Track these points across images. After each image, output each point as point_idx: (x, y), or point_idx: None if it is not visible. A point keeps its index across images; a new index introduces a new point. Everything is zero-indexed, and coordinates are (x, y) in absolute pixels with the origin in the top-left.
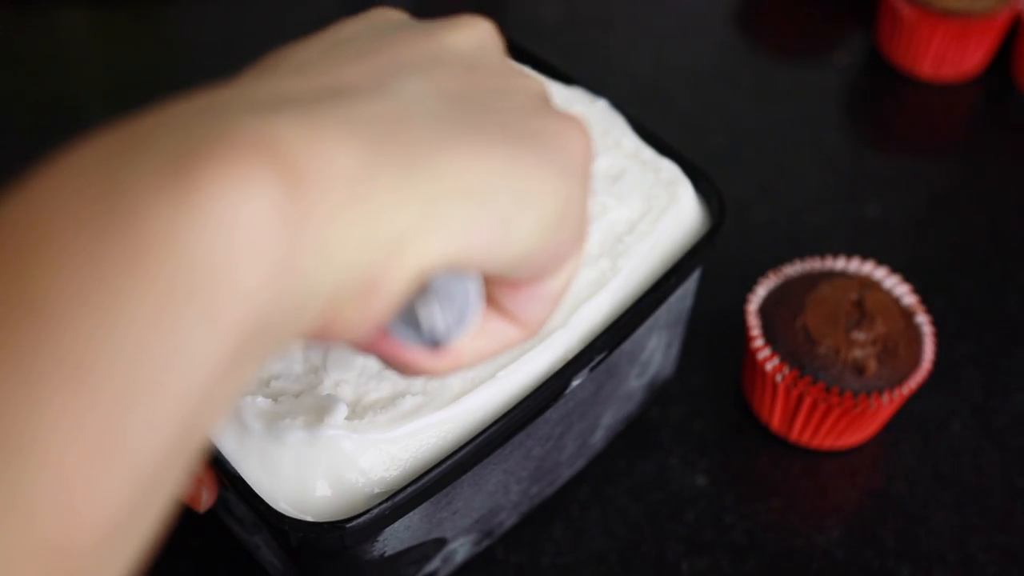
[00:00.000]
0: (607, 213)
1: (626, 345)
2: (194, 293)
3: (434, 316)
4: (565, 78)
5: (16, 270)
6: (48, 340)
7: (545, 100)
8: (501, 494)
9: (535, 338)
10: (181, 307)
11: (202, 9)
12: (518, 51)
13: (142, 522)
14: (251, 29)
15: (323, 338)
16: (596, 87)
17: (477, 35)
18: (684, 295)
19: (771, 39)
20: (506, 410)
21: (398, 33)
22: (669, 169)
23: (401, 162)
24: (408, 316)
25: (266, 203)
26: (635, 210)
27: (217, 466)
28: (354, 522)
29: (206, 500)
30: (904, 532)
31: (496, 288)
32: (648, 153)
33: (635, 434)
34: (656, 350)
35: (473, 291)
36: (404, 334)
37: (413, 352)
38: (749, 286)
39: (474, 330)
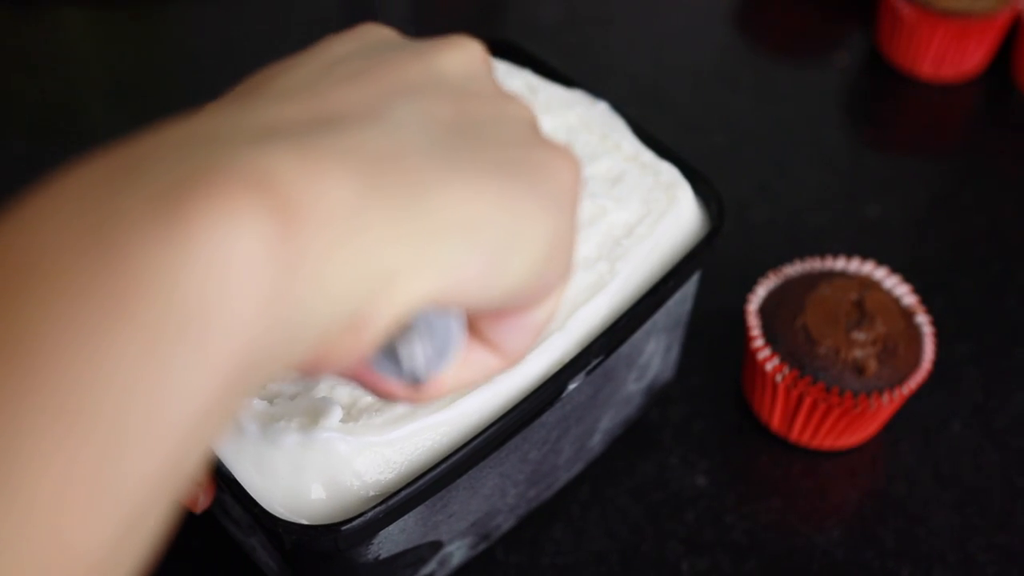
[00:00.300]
0: (606, 216)
1: (624, 349)
2: (184, 332)
3: (415, 355)
4: (565, 80)
5: (3, 304)
6: (36, 380)
7: (535, 128)
8: (497, 497)
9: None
10: (171, 347)
11: (202, 9)
12: (518, 52)
13: (133, 548)
14: (251, 29)
15: (311, 371)
16: (596, 87)
17: (467, 58)
18: (683, 298)
19: (771, 39)
20: (502, 413)
21: (388, 54)
22: (669, 172)
23: (395, 195)
24: (389, 350)
25: (258, 239)
26: (634, 213)
27: (212, 468)
28: (348, 525)
29: (203, 502)
30: (904, 532)
31: (479, 318)
32: (648, 156)
33: (635, 434)
34: (655, 354)
35: (456, 325)
36: (385, 367)
37: (393, 384)
38: (749, 286)
39: (456, 363)
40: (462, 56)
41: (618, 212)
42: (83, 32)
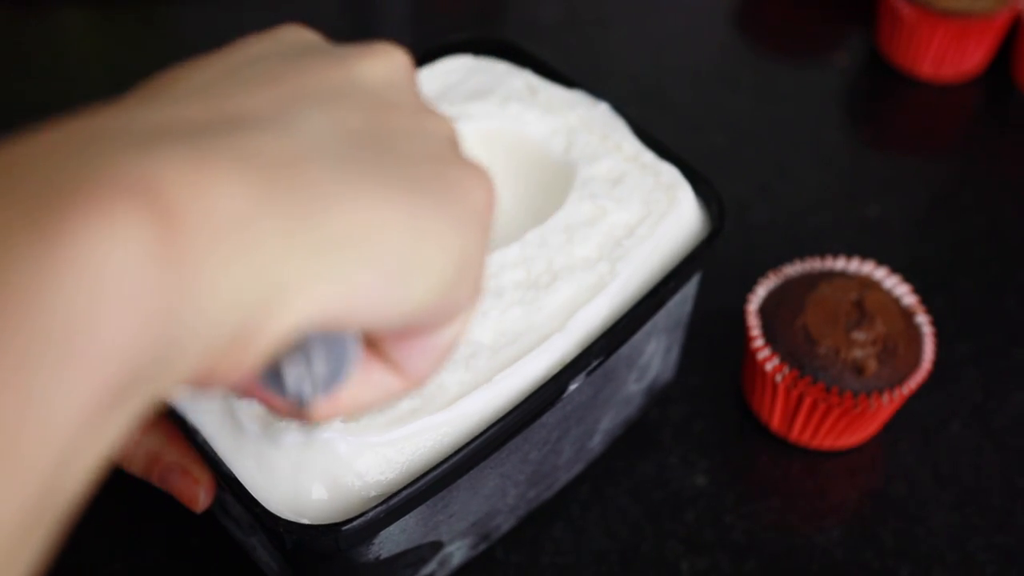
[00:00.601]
0: (606, 217)
1: (624, 349)
2: (52, 353)
3: (300, 376)
4: (566, 80)
5: None
6: None
7: (454, 145)
8: (498, 498)
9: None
10: (37, 369)
11: (202, 9)
12: (519, 52)
13: (15, 570)
14: (251, 29)
15: (200, 384)
16: (595, 87)
17: (390, 67)
18: (683, 299)
19: (771, 39)
20: (503, 414)
21: (305, 59)
22: (669, 173)
23: (289, 205)
24: (275, 370)
25: (137, 250)
26: (635, 214)
27: (213, 467)
28: (349, 525)
29: (203, 500)
30: (903, 532)
31: (381, 338)
32: (648, 157)
33: (635, 434)
34: (655, 354)
35: (352, 345)
36: (272, 385)
37: (279, 403)
38: (749, 286)
39: (351, 384)
40: (384, 64)
41: (619, 213)
42: (83, 32)
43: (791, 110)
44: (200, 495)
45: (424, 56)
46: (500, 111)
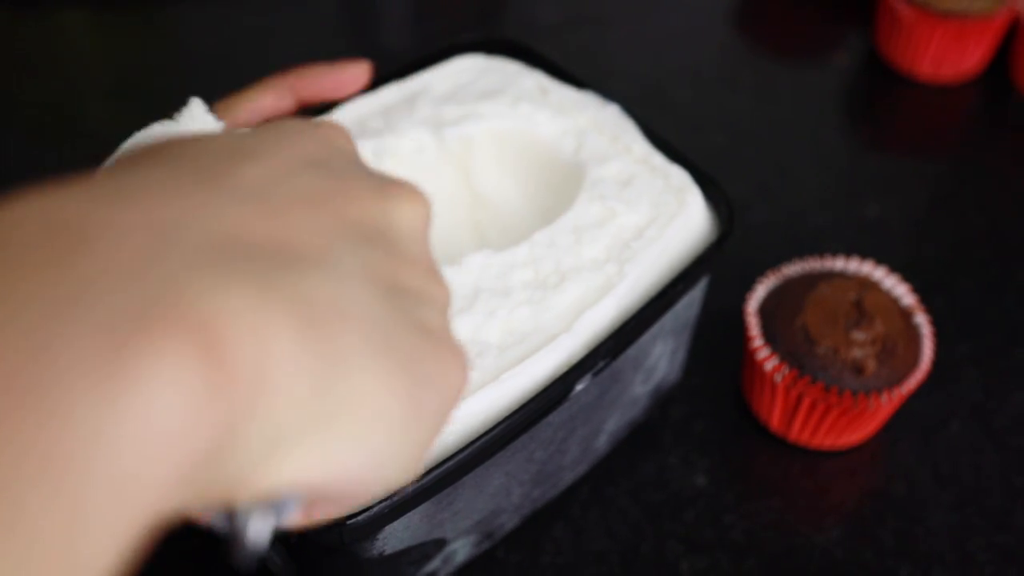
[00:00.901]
0: (615, 218)
1: (631, 351)
2: (99, 496)
3: (258, 535)
4: (577, 82)
5: None
6: None
7: (446, 318)
8: (503, 496)
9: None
10: (86, 523)
11: (202, 10)
12: (530, 54)
13: None
14: (251, 30)
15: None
16: (595, 88)
17: (416, 215)
18: (691, 302)
19: (771, 39)
20: (508, 413)
21: (348, 180)
22: (679, 176)
23: (322, 365)
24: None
25: (190, 396)
26: (643, 216)
27: None
28: (353, 520)
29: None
30: (903, 532)
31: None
32: (658, 159)
33: (635, 434)
34: (662, 356)
35: (294, 501)
36: (216, 518)
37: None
38: (749, 286)
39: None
40: (412, 211)
41: (627, 215)
42: (83, 33)
43: (791, 110)
44: None
45: (436, 55)
46: (511, 111)
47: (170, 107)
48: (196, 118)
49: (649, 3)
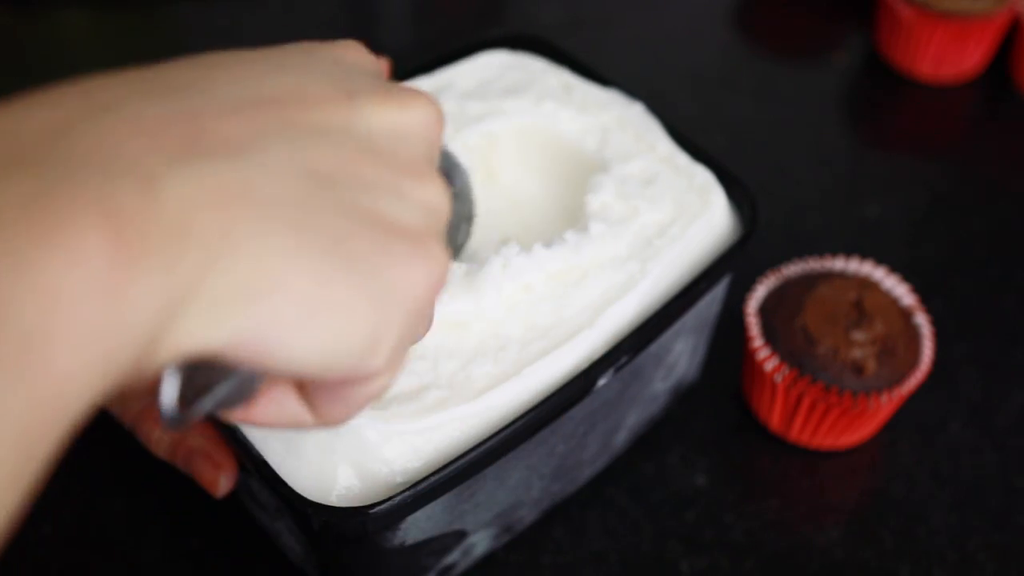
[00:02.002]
0: (638, 216)
1: (653, 347)
2: (6, 365)
3: (166, 397)
4: (601, 80)
5: None
6: None
7: (429, 218)
8: (523, 490)
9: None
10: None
11: (202, 10)
12: (556, 51)
13: None
14: (251, 30)
15: (114, 395)
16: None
17: (408, 117)
18: (712, 300)
19: (771, 40)
20: (529, 407)
21: (324, 84)
22: (703, 175)
23: (204, 250)
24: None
25: (95, 265)
26: (666, 214)
27: (242, 451)
28: (377, 508)
29: (224, 486)
30: (903, 532)
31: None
32: (682, 159)
33: (645, 432)
34: (682, 354)
35: (254, 379)
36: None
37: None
38: (749, 286)
39: (262, 403)
40: (402, 113)
41: (651, 213)
42: (84, 33)
43: (791, 110)
44: (221, 480)
45: (461, 51)
46: (535, 108)
47: None
48: None
49: (650, 3)
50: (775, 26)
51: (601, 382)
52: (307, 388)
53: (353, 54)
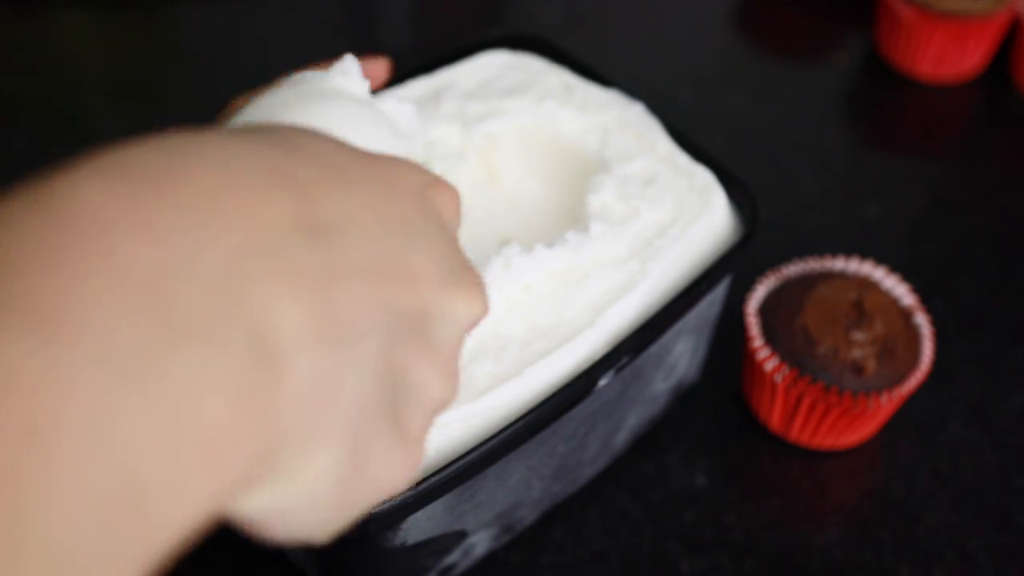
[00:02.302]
0: (638, 216)
1: (653, 348)
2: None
3: None
4: (602, 80)
5: None
6: None
7: (430, 415)
8: (523, 490)
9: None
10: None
11: (203, 10)
12: (555, 51)
13: None
14: (251, 30)
15: None
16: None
17: (469, 315)
18: (713, 301)
19: (771, 40)
20: (530, 407)
21: (427, 262)
22: (703, 176)
23: (297, 430)
24: None
25: (238, 400)
26: (667, 215)
27: None
28: (378, 508)
29: None
30: (903, 532)
31: None
32: (682, 159)
33: (647, 433)
34: (683, 354)
35: None
36: None
37: None
38: (748, 286)
39: None
40: (467, 312)
41: (651, 213)
42: (84, 33)
43: (791, 110)
44: None
45: (461, 50)
46: (535, 108)
47: (170, 107)
48: (349, 72)
49: (650, 3)
50: (775, 26)
51: (602, 382)
52: None
53: (444, 198)
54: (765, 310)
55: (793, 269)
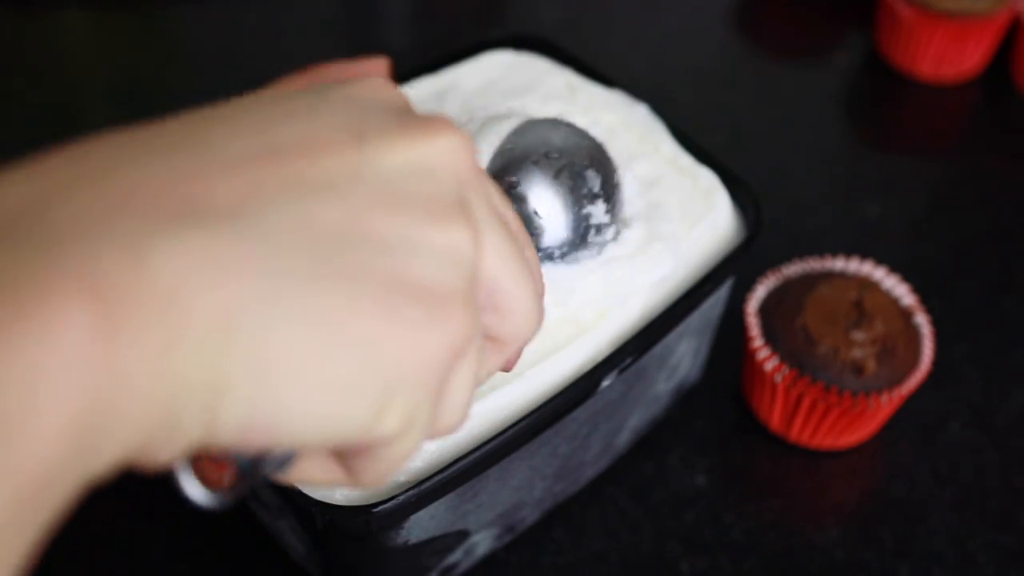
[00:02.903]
0: (642, 218)
1: (656, 349)
2: None
3: (189, 490)
4: (606, 81)
5: None
6: None
7: (454, 268)
8: (526, 490)
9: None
10: None
11: (202, 10)
12: (559, 51)
13: None
14: (252, 31)
15: (130, 464)
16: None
17: (429, 151)
18: (715, 302)
19: (771, 39)
20: (532, 408)
21: (330, 129)
22: (707, 177)
23: (210, 320)
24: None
25: (77, 341)
26: (671, 216)
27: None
28: (381, 507)
29: (228, 479)
30: (903, 532)
31: None
32: (686, 160)
33: (649, 433)
34: (685, 355)
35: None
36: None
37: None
38: (748, 286)
39: (302, 462)
40: (423, 149)
41: (655, 214)
42: (84, 33)
43: (791, 110)
44: (224, 478)
45: (465, 51)
46: (541, 109)
47: (171, 107)
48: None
49: (650, 3)
50: (775, 26)
51: (605, 383)
52: (340, 452)
53: (371, 89)
54: (765, 310)
55: (793, 269)
